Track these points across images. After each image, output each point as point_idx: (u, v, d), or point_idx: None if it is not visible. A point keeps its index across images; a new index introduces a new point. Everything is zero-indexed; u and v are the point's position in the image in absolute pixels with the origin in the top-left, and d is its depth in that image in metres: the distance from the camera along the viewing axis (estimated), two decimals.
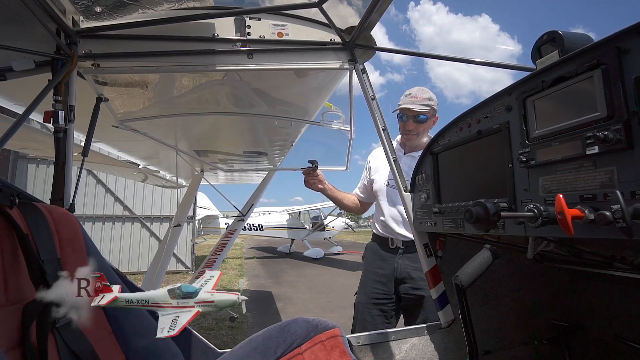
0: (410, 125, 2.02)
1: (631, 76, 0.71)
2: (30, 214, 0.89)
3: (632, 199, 0.70)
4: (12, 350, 0.68)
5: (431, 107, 2.01)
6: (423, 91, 2.04)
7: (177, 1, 1.39)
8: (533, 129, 0.95)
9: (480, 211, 0.83)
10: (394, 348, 1.48)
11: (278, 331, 1.04)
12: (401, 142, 2.23)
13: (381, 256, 2.16)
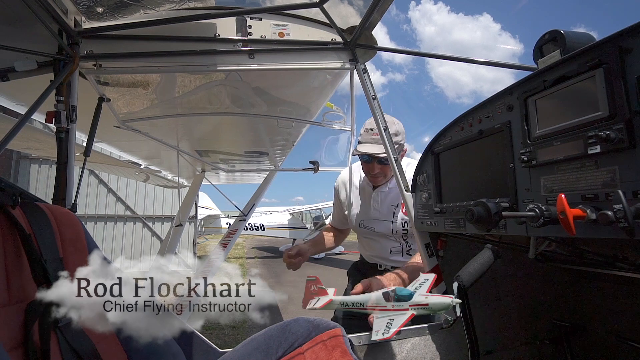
0: (375, 168, 1.69)
1: (633, 75, 0.71)
2: (32, 213, 0.90)
3: (634, 198, 0.70)
4: (15, 349, 0.68)
5: (398, 143, 1.60)
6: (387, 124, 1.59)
7: (178, 1, 1.40)
8: (534, 129, 0.95)
9: (482, 211, 0.83)
10: (395, 348, 1.48)
11: (279, 331, 1.04)
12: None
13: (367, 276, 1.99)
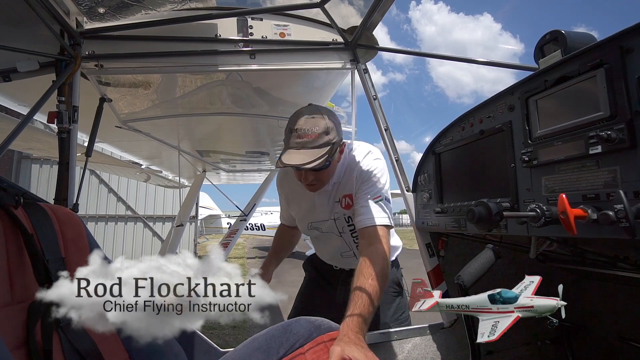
0: (308, 177, 1.28)
1: (634, 75, 0.71)
2: (34, 213, 0.90)
3: (635, 198, 0.70)
4: (18, 349, 0.68)
5: (330, 143, 1.22)
6: (314, 120, 1.22)
7: (179, 2, 1.40)
8: (536, 129, 0.95)
9: (483, 211, 0.83)
10: (396, 348, 1.48)
11: (281, 331, 1.04)
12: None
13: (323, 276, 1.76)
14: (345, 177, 1.40)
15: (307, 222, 1.56)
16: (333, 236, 1.53)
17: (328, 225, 1.50)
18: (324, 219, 1.49)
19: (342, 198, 1.42)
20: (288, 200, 1.61)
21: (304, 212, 1.55)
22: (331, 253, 1.64)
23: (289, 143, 1.21)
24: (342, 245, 1.54)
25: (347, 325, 0.96)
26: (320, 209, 1.46)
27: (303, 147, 1.20)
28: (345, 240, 1.52)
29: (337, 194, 1.42)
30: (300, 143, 1.20)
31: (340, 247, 1.55)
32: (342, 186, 1.41)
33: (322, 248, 1.68)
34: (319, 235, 1.58)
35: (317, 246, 1.71)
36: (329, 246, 1.61)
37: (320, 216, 1.49)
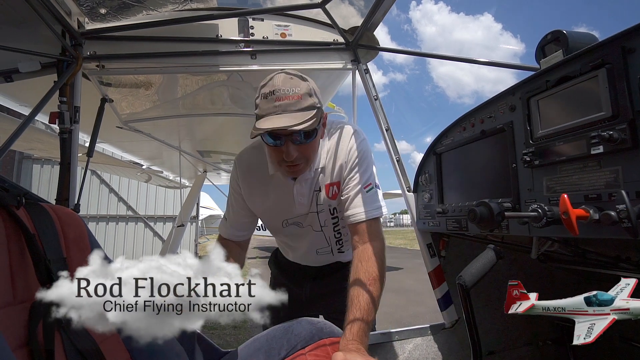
0: (290, 152, 1.02)
1: (636, 75, 0.71)
2: (36, 214, 0.90)
3: (638, 198, 0.70)
4: (20, 348, 0.68)
5: (316, 107, 1.02)
6: (294, 81, 1.01)
7: (181, 2, 1.40)
8: (537, 129, 0.95)
9: (484, 211, 0.83)
10: (397, 348, 1.48)
11: (282, 332, 1.05)
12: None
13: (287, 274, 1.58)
14: (330, 162, 1.19)
15: (282, 219, 1.29)
16: (310, 231, 1.31)
17: (309, 219, 1.27)
18: (303, 213, 1.25)
19: (327, 187, 1.20)
20: (252, 198, 1.26)
21: (278, 208, 1.26)
22: (304, 251, 1.41)
23: (267, 108, 0.97)
24: (320, 240, 1.34)
25: (350, 334, 0.90)
26: (299, 202, 1.21)
27: (285, 110, 0.97)
28: (326, 235, 1.32)
29: (321, 181, 1.20)
30: (281, 106, 0.96)
31: (317, 243, 1.35)
32: (326, 173, 1.20)
33: (293, 246, 1.45)
34: (296, 233, 1.34)
35: (289, 246, 1.47)
36: (303, 243, 1.38)
37: (300, 210, 1.24)
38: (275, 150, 1.05)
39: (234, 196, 1.29)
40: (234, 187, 1.28)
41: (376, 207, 1.16)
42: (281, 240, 1.48)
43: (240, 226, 1.31)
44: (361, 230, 1.13)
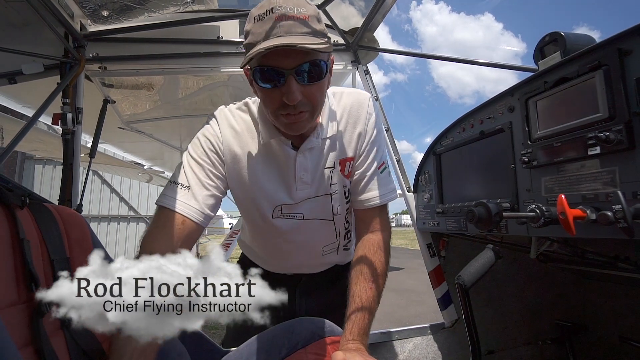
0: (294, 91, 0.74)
1: (633, 77, 0.72)
2: (40, 214, 0.91)
3: (634, 199, 0.70)
4: (25, 347, 0.69)
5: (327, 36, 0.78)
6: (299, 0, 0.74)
7: (182, 4, 1.42)
8: (535, 130, 0.96)
9: (483, 211, 0.84)
10: (397, 347, 1.49)
11: (283, 331, 1.05)
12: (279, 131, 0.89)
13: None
14: (347, 131, 0.95)
15: (275, 206, 0.96)
16: (314, 223, 1.00)
17: (321, 205, 0.98)
18: (311, 196, 0.95)
19: (343, 162, 0.96)
20: (235, 172, 0.92)
21: (271, 189, 0.93)
22: (303, 252, 1.07)
23: (263, 31, 0.71)
24: (328, 235, 1.05)
25: (350, 333, 0.82)
26: (302, 180, 0.92)
27: (289, 32, 0.71)
28: (336, 226, 1.04)
29: (332, 154, 0.94)
30: (284, 26, 0.71)
31: (324, 238, 1.06)
32: (339, 144, 0.95)
33: (282, 247, 1.06)
34: (291, 227, 0.99)
35: (278, 246, 1.06)
36: (301, 241, 1.04)
37: (301, 192, 0.94)
38: (271, 94, 0.77)
39: (204, 160, 0.88)
40: (209, 147, 0.89)
41: (391, 190, 0.99)
42: (263, 240, 1.08)
43: (210, 207, 0.87)
44: (372, 217, 0.97)
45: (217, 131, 0.91)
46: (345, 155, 0.95)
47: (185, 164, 0.87)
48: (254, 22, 0.73)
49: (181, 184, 0.85)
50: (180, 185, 0.84)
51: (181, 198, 0.83)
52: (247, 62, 0.72)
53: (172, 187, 0.84)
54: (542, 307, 1.58)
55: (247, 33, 0.75)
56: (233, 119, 0.93)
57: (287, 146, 0.90)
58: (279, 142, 0.90)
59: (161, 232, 0.80)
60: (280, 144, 0.90)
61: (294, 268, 1.14)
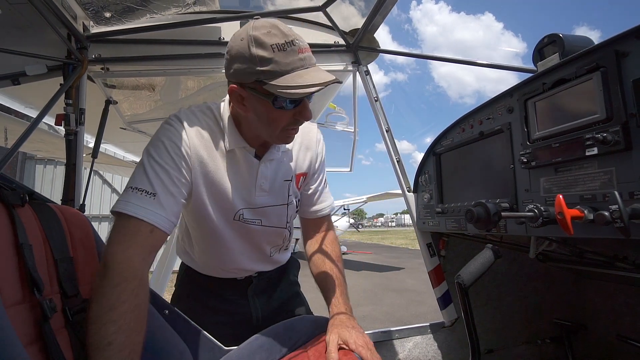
0: (309, 109, 0.89)
1: (629, 79, 0.73)
2: (43, 214, 0.92)
3: (631, 199, 0.71)
4: (30, 345, 0.70)
5: None
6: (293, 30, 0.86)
7: (184, 6, 1.43)
8: (534, 131, 0.97)
9: (481, 211, 0.85)
10: (397, 346, 1.50)
11: (284, 329, 1.06)
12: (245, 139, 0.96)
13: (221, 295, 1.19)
14: (301, 151, 1.08)
15: (236, 211, 1.00)
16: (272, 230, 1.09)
17: (276, 213, 1.07)
18: (269, 204, 1.03)
19: (299, 176, 1.08)
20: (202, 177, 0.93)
21: (234, 195, 0.97)
22: (257, 255, 1.14)
23: (291, 62, 0.79)
24: (279, 239, 1.16)
25: (337, 308, 0.94)
26: (262, 190, 1.00)
27: (310, 64, 0.83)
28: (285, 232, 1.15)
29: (287, 169, 1.05)
30: (306, 59, 0.82)
31: (275, 242, 1.16)
32: (296, 159, 1.07)
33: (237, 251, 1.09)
34: (247, 231, 1.05)
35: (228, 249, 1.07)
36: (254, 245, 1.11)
37: (260, 199, 1.01)
38: (285, 114, 0.86)
39: (170, 166, 0.86)
40: (175, 152, 0.88)
41: (332, 201, 1.21)
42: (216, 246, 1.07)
43: (175, 214, 0.86)
44: (322, 222, 1.17)
45: (184, 135, 0.90)
46: (301, 170, 1.08)
47: (148, 169, 0.84)
48: (278, 51, 0.79)
49: (146, 190, 0.82)
50: (144, 192, 0.82)
51: (148, 206, 0.81)
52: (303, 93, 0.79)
53: (135, 194, 0.82)
54: (541, 306, 1.59)
55: (267, 60, 0.79)
56: (198, 122, 0.95)
57: (251, 155, 0.97)
58: (243, 150, 0.96)
59: (131, 241, 0.78)
60: (244, 152, 0.96)
61: (244, 271, 1.17)
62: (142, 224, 0.79)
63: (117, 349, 0.68)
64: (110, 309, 0.70)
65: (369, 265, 12.26)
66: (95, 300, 0.73)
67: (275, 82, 0.79)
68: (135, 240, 0.79)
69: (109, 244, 0.80)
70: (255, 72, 0.80)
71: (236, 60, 0.82)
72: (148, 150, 0.88)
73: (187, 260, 1.21)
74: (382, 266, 12.02)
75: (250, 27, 0.82)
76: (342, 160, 3.10)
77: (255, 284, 1.19)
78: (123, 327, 0.70)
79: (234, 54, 0.83)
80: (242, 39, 0.81)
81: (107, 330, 0.69)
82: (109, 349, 0.68)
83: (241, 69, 0.82)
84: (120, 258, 0.76)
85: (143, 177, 0.83)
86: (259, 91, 0.82)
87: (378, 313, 5.90)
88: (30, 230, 0.83)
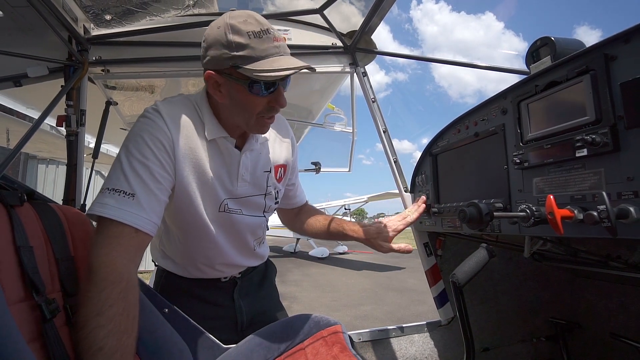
0: (283, 96, 0.93)
1: (617, 82, 0.74)
2: (45, 214, 0.93)
3: (619, 199, 0.73)
4: (33, 342, 0.72)
5: None
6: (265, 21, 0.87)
7: (183, 8, 1.44)
8: (527, 132, 0.98)
9: (474, 211, 0.86)
10: (394, 344, 1.52)
11: (282, 327, 1.08)
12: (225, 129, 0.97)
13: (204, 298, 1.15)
14: (277, 141, 1.11)
15: (221, 202, 0.99)
16: (252, 219, 1.08)
17: (256, 203, 1.07)
18: (248, 194, 1.03)
19: (277, 168, 1.10)
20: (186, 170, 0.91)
21: (217, 186, 0.97)
22: (238, 247, 1.11)
23: (266, 49, 0.82)
24: (259, 230, 1.15)
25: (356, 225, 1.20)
26: (243, 178, 1.00)
27: (285, 52, 0.87)
28: (264, 223, 1.16)
29: (266, 161, 1.06)
30: (281, 47, 0.86)
31: (256, 233, 1.15)
32: (274, 151, 1.09)
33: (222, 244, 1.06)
34: (231, 223, 1.04)
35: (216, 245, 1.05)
36: (238, 237, 1.09)
37: (242, 189, 1.01)
38: (261, 100, 0.88)
39: (152, 161, 0.84)
40: (157, 146, 0.85)
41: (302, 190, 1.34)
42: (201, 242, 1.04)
43: (157, 213, 0.84)
44: (306, 208, 1.36)
45: (165, 128, 0.88)
46: (278, 162, 1.11)
47: (126, 167, 0.82)
48: (254, 37, 0.82)
49: (123, 191, 0.79)
50: (122, 193, 0.79)
51: (127, 208, 0.78)
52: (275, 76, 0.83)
53: (113, 195, 0.79)
54: (536, 305, 1.61)
55: (243, 46, 0.82)
56: (178, 113, 0.93)
57: (231, 145, 0.97)
58: (224, 140, 0.96)
59: (114, 244, 0.77)
60: (225, 142, 0.96)
61: (231, 267, 1.15)
62: (123, 226, 0.77)
63: (109, 353, 0.68)
64: (98, 314, 0.69)
65: (370, 265, 12.27)
66: (83, 305, 0.71)
67: (250, 66, 0.81)
68: (118, 243, 0.77)
69: (92, 248, 0.78)
70: (231, 57, 0.82)
71: (212, 46, 0.85)
72: (126, 147, 0.85)
73: (167, 264, 1.14)
74: (383, 266, 12.03)
75: (227, 16, 0.84)
76: (340, 161, 3.12)
77: (239, 285, 1.18)
78: (113, 330, 0.69)
79: (210, 41, 0.86)
80: (219, 27, 0.84)
81: (97, 336, 0.68)
82: (100, 354, 0.67)
83: (217, 55, 0.84)
84: (104, 261, 0.74)
85: (120, 177, 0.81)
86: (235, 76, 0.85)
87: (379, 312, 5.91)
88: (32, 230, 0.84)
